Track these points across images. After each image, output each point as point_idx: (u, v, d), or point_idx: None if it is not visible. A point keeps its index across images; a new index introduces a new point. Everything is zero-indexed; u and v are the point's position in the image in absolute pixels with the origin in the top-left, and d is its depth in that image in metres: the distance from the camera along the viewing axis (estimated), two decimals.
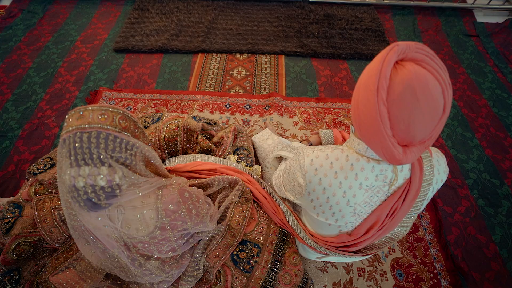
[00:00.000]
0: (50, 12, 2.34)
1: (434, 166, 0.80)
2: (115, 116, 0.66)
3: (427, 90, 0.59)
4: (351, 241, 0.86)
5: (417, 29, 2.32)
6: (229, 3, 2.43)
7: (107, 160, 0.63)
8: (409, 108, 0.60)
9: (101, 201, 0.64)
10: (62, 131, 0.64)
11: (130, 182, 0.68)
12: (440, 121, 0.64)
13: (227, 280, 0.99)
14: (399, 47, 0.61)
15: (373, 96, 0.61)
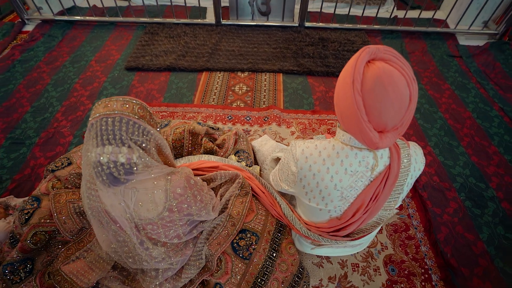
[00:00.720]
0: (69, 36, 2.57)
1: (411, 156, 0.91)
2: (135, 106, 0.79)
3: (394, 82, 0.72)
4: (340, 224, 0.95)
5: (404, 50, 2.51)
6: (232, 28, 2.66)
7: (127, 141, 0.75)
8: (380, 98, 0.72)
9: (120, 176, 0.75)
10: (90, 117, 0.77)
11: (144, 163, 0.79)
12: (408, 110, 0.76)
13: (228, 267, 1.06)
14: (370, 49, 0.75)
15: (350, 88, 0.74)
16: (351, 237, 0.99)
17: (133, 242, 0.94)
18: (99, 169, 0.74)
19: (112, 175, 0.74)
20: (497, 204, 1.49)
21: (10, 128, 1.79)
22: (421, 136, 1.81)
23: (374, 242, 1.34)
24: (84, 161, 0.81)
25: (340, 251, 1.19)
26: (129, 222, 0.88)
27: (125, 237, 0.93)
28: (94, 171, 0.75)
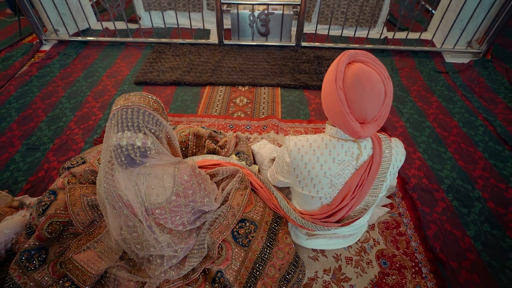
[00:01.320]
0: (82, 55, 2.77)
1: (392, 148, 1.02)
2: (150, 100, 0.92)
3: (371, 80, 0.85)
4: (331, 210, 1.05)
5: (394, 67, 2.70)
6: (233, 47, 2.87)
7: (143, 129, 0.87)
8: (359, 93, 0.85)
9: (136, 157, 0.86)
10: (112, 108, 0.89)
11: (157, 149, 0.91)
12: (384, 103, 0.89)
13: (228, 253, 1.14)
14: (350, 52, 0.90)
15: (333, 85, 0.87)
16: (342, 222, 1.07)
17: (142, 227, 1.03)
18: (119, 151, 0.85)
19: (129, 157, 0.86)
20: (483, 204, 1.58)
21: (27, 135, 1.92)
22: (411, 143, 1.93)
23: (367, 237, 1.42)
24: (104, 148, 0.93)
25: (334, 243, 1.27)
26: (140, 205, 0.98)
27: (135, 221, 1.03)
28: (113, 154, 0.86)
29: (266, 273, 1.12)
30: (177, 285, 1.15)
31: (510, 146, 1.91)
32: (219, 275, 1.14)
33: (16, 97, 2.24)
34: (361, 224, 1.19)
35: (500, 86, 2.46)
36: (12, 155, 1.80)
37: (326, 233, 1.20)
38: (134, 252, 1.17)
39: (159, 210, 1.01)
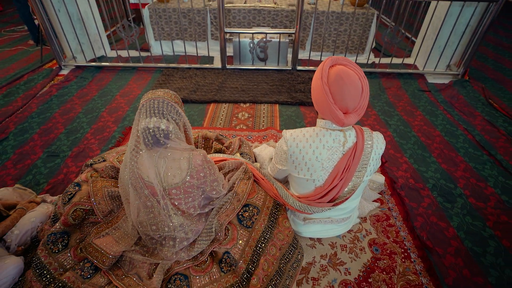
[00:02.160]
0: (97, 78, 3.04)
1: (374, 138, 1.21)
2: (172, 95, 1.13)
3: (349, 77, 1.06)
4: (323, 191, 1.21)
5: (382, 87, 2.97)
6: (235, 71, 3.16)
7: (167, 116, 1.06)
8: (340, 87, 1.06)
9: (160, 138, 1.04)
10: (141, 101, 1.09)
11: (176, 134, 1.09)
12: (362, 97, 1.09)
13: (234, 234, 1.27)
14: (332, 57, 1.12)
15: (320, 82, 1.09)
16: (334, 202, 1.23)
17: (158, 208, 1.18)
18: (146, 133, 1.04)
19: (155, 137, 1.04)
20: (465, 199, 1.73)
21: (47, 145, 2.11)
22: (398, 150, 2.12)
23: (360, 228, 1.55)
24: (132, 134, 1.11)
25: (329, 229, 1.41)
26: (159, 185, 1.14)
27: (153, 202, 1.18)
28: (142, 135, 1.05)
29: (268, 251, 1.24)
30: (187, 266, 1.27)
31: (487, 151, 2.09)
32: (225, 256, 1.26)
33: (37, 113, 2.46)
34: (351, 208, 1.34)
35: (478, 102, 2.71)
36: (34, 161, 1.96)
37: (321, 217, 1.35)
38: (149, 237, 1.31)
39: (175, 190, 1.17)
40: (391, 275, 1.34)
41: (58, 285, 1.18)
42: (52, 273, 1.22)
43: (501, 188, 1.81)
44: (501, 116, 2.51)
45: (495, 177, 1.89)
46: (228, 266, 1.25)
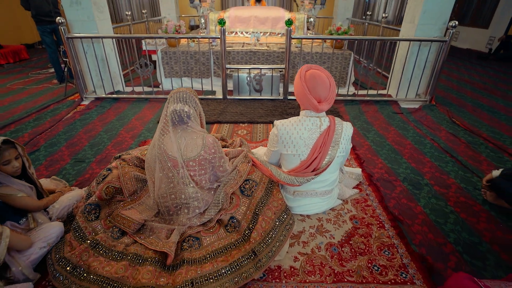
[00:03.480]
0: (115, 106, 3.50)
1: (343, 125, 1.61)
2: (192, 91, 1.53)
3: (320, 77, 1.50)
4: (306, 163, 1.55)
5: (361, 111, 3.45)
6: (234, 100, 3.66)
7: (189, 103, 1.46)
8: (314, 83, 1.49)
9: (184, 117, 1.42)
10: (170, 93, 1.49)
11: (194, 117, 1.48)
12: (330, 90, 1.52)
13: (237, 201, 1.57)
14: (307, 65, 1.57)
15: (299, 80, 1.52)
16: (316, 172, 1.56)
17: (177, 178, 1.51)
18: (174, 113, 1.42)
19: (180, 116, 1.42)
20: (430, 187, 2.05)
21: (74, 154, 2.45)
22: (374, 154, 2.49)
23: (342, 208, 1.84)
24: (161, 119, 1.49)
25: (315, 202, 1.71)
26: (180, 157, 1.48)
27: (174, 172, 1.51)
28: (170, 116, 1.43)
29: (265, 213, 1.53)
30: (198, 230, 1.54)
31: (450, 154, 2.47)
32: (230, 221, 1.55)
33: (63, 132, 2.84)
34: (330, 180, 1.67)
35: (443, 121, 3.17)
36: (63, 165, 2.29)
37: (307, 189, 1.66)
38: (167, 208, 1.60)
39: (192, 162, 1.51)
40: (368, 239, 1.61)
41: (93, 242, 1.43)
42: (87, 236, 1.48)
43: (460, 179, 2.15)
44: (462, 130, 2.94)
45: (456, 171, 2.24)
46: (232, 228, 1.52)
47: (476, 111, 3.48)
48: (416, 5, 3.45)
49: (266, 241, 1.42)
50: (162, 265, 1.38)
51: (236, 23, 4.85)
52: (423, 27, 3.43)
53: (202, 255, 1.41)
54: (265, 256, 1.37)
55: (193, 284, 1.26)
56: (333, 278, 1.39)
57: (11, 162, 1.43)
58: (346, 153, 1.67)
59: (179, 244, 1.49)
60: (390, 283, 1.37)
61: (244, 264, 1.34)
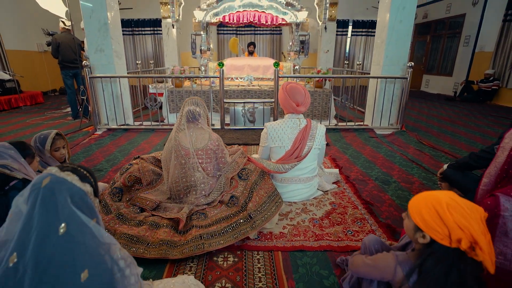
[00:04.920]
0: (125, 135, 3.96)
1: (317, 125, 2.09)
2: (202, 99, 2.02)
3: (297, 87, 2.04)
4: (290, 152, 1.98)
5: (341, 136, 3.96)
6: (231, 130, 4.16)
7: (199, 106, 1.93)
8: (293, 92, 2.02)
9: (196, 116, 1.88)
10: (185, 100, 1.97)
11: (204, 117, 1.93)
12: (305, 96, 2.04)
13: (236, 183, 1.94)
14: (287, 82, 2.12)
15: (282, 90, 2.05)
16: (298, 158, 1.98)
17: (188, 164, 1.90)
18: (189, 112, 1.88)
19: (194, 114, 1.88)
20: (397, 183, 2.45)
21: (92, 165, 2.82)
22: (351, 163, 2.91)
23: (323, 197, 2.20)
24: (178, 117, 1.94)
25: (299, 188, 2.08)
26: (191, 147, 1.90)
27: (186, 159, 1.91)
28: (185, 115, 1.88)
29: (258, 191, 1.89)
30: (203, 207, 1.88)
31: (416, 162, 2.92)
32: (230, 200, 1.90)
33: (81, 152, 3.24)
34: (310, 168, 2.07)
35: (412, 141, 3.68)
36: None
37: (292, 176, 2.05)
38: (178, 192, 1.95)
39: (200, 151, 1.92)
40: (344, 215, 1.96)
41: (117, 213, 1.76)
42: (112, 211, 1.81)
43: (423, 178, 2.56)
44: (427, 148, 3.44)
45: (420, 173, 2.66)
46: (232, 204, 1.87)
47: (440, 135, 4.03)
48: (380, 51, 4.23)
49: (260, 210, 1.76)
50: (175, 229, 1.69)
51: (232, 70, 5.63)
52: (387, 68, 4.16)
53: (208, 223, 1.73)
54: (259, 219, 1.70)
55: (201, 238, 1.57)
56: (314, 238, 1.71)
57: (60, 150, 1.82)
58: (322, 147, 2.11)
59: (188, 218, 1.81)
60: (361, 240, 1.69)
61: (242, 224, 1.67)
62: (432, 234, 0.86)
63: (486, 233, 0.79)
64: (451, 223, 0.81)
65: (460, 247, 0.80)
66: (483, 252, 0.77)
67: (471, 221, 0.79)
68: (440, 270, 0.83)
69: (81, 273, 0.73)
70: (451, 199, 0.85)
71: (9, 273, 0.70)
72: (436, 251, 0.86)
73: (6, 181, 1.41)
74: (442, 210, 0.83)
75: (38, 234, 0.72)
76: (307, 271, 1.45)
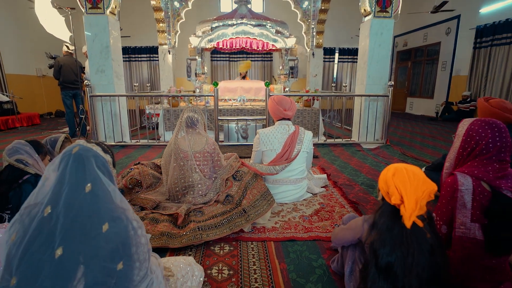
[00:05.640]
0: (122, 150, 4.09)
1: (305, 131, 2.30)
2: (199, 109, 2.22)
3: (284, 97, 2.29)
4: (280, 154, 2.16)
5: (330, 150, 4.18)
6: (225, 145, 4.34)
7: (197, 112, 2.12)
8: (281, 100, 2.27)
9: (194, 122, 2.06)
10: (185, 108, 2.17)
11: (201, 124, 2.12)
12: (291, 103, 2.28)
13: (231, 183, 2.08)
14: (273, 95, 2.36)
15: (272, 101, 2.29)
16: (288, 160, 2.15)
17: (187, 166, 2.06)
18: (188, 118, 2.07)
19: (192, 120, 2.06)
20: None
21: None
22: (338, 171, 3.09)
23: (312, 198, 2.35)
24: (178, 123, 2.12)
25: (290, 189, 2.23)
26: (189, 150, 2.06)
27: (184, 162, 2.06)
28: (185, 120, 2.06)
29: (251, 190, 2.03)
30: (200, 206, 2.01)
31: None
32: (225, 199, 2.03)
33: None
34: (299, 170, 2.24)
35: (396, 154, 3.91)
36: None
37: (282, 177, 2.21)
38: (177, 193, 2.08)
39: (198, 154, 2.08)
40: (332, 213, 2.10)
41: None
42: None
43: None
44: (410, 158, 3.66)
45: None
46: (228, 202, 2.00)
47: (423, 149, 4.29)
48: (363, 72, 4.59)
49: (253, 205, 1.90)
50: (174, 224, 1.81)
51: (226, 92, 5.91)
52: (370, 87, 4.49)
53: (204, 218, 1.85)
54: (253, 213, 1.84)
55: (199, 229, 1.69)
56: (304, 230, 1.84)
57: None
58: (310, 151, 2.30)
59: (186, 215, 1.93)
60: None
61: (236, 217, 1.80)
62: (381, 191, 1.09)
63: (418, 200, 0.98)
64: (391, 184, 1.02)
65: (391, 202, 1.02)
66: (405, 209, 0.98)
67: (406, 186, 0.99)
68: (384, 224, 1.03)
69: (103, 225, 0.87)
70: (403, 168, 1.05)
71: (44, 221, 0.83)
72: (382, 206, 1.08)
73: (21, 175, 1.54)
74: (388, 174, 1.06)
75: (69, 190, 0.86)
76: (298, 256, 1.57)
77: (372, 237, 1.05)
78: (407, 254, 0.98)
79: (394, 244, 1.00)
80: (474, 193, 1.21)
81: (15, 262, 0.80)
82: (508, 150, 1.23)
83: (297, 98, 5.42)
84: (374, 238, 1.04)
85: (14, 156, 1.54)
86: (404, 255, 0.98)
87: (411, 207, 0.98)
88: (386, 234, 1.02)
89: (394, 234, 1.01)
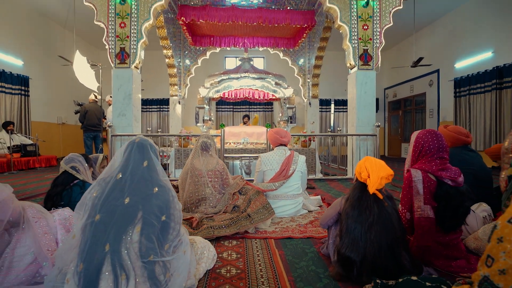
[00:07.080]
0: None
1: (299, 155, 2.76)
2: (211, 136, 2.70)
3: (281, 129, 2.81)
4: (279, 173, 2.57)
5: (326, 184, 4.53)
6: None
7: (210, 139, 2.59)
8: (278, 130, 2.79)
9: (208, 146, 2.53)
10: (200, 135, 2.64)
11: (213, 148, 2.57)
12: (287, 133, 2.77)
13: (237, 196, 2.45)
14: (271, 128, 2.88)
15: (272, 132, 2.79)
16: (285, 177, 2.54)
17: (201, 181, 2.46)
18: (203, 143, 2.53)
19: (206, 145, 2.53)
20: None
21: None
22: (333, 197, 3.43)
23: (308, 214, 2.67)
24: (194, 148, 2.57)
25: (287, 204, 2.58)
26: (204, 169, 2.48)
27: (199, 178, 2.47)
28: (200, 145, 2.52)
29: (254, 201, 2.38)
30: (211, 215, 2.35)
31: None
32: (233, 209, 2.38)
33: None
34: (295, 187, 2.62)
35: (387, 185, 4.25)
36: None
37: (281, 193, 2.58)
38: (192, 205, 2.44)
39: (210, 172, 2.49)
40: None
41: None
42: None
43: None
44: (399, 188, 4.01)
45: None
46: (234, 211, 2.34)
47: None
48: (353, 115, 5.19)
49: (256, 212, 2.25)
50: (190, 226, 2.13)
51: (230, 137, 6.49)
52: (360, 128, 5.04)
53: (215, 223, 2.19)
54: (256, 218, 2.18)
55: (211, 228, 2.03)
56: (300, 232, 2.15)
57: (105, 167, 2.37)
58: (304, 172, 2.71)
59: (199, 222, 2.26)
60: None
61: (242, 220, 2.14)
62: (355, 174, 1.49)
63: (379, 177, 1.41)
64: (362, 166, 1.46)
65: (361, 179, 1.44)
66: (370, 181, 1.40)
67: (373, 167, 1.43)
68: (356, 195, 1.45)
69: (153, 188, 1.27)
70: (372, 158, 1.48)
71: (117, 182, 1.24)
72: (355, 183, 1.50)
73: (72, 179, 1.95)
74: (362, 160, 1.48)
75: (133, 164, 1.29)
76: (294, 247, 1.87)
77: (346, 205, 1.43)
78: (369, 215, 1.34)
79: (361, 208, 1.37)
80: (424, 182, 1.60)
81: (98, 206, 1.19)
82: (445, 150, 1.66)
83: (295, 139, 5.95)
84: (347, 205, 1.41)
85: (70, 164, 1.96)
86: (368, 216, 1.35)
87: (374, 180, 1.38)
88: (356, 201, 1.40)
89: (361, 201, 1.39)
